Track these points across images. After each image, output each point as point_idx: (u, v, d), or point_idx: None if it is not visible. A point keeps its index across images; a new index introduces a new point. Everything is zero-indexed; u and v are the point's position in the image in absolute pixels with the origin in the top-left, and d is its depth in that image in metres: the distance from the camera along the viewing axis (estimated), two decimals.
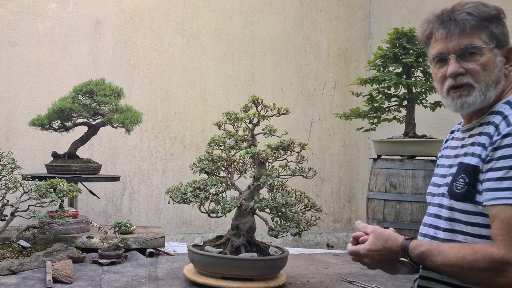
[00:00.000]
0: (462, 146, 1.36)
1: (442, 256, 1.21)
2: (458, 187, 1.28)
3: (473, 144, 1.30)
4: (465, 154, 1.31)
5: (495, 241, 1.16)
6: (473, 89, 1.31)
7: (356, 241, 1.37)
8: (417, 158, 3.33)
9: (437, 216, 1.36)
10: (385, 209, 3.30)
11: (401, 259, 1.28)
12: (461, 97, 1.32)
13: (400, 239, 1.30)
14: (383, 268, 1.37)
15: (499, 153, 1.18)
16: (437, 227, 1.35)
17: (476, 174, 1.24)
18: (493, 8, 1.33)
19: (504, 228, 1.14)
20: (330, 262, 3.21)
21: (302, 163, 2.63)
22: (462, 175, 1.28)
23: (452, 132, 1.52)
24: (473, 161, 1.26)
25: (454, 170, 1.34)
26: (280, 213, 2.46)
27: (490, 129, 1.25)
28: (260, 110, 2.70)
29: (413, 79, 3.43)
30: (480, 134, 1.29)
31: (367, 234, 1.35)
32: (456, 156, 1.38)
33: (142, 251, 3.20)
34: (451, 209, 1.30)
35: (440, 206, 1.35)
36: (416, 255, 1.25)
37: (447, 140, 1.52)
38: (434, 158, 3.36)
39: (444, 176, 1.40)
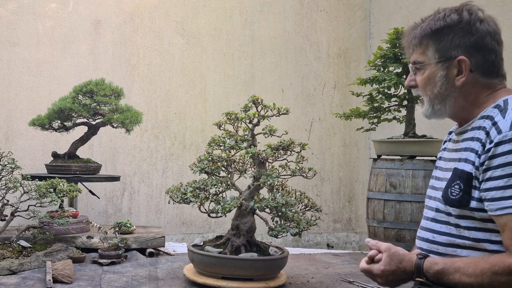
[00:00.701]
0: (456, 150, 1.36)
1: (459, 273, 1.21)
2: (454, 193, 1.28)
3: (466, 149, 1.30)
4: (459, 160, 1.31)
5: (509, 250, 1.17)
6: (423, 101, 1.40)
7: (371, 260, 1.36)
8: (417, 158, 3.33)
9: (435, 220, 1.36)
10: (385, 209, 3.30)
11: (417, 279, 1.28)
12: (421, 107, 1.43)
13: (414, 259, 1.29)
14: (396, 286, 1.37)
15: (497, 161, 1.18)
16: (435, 231, 1.35)
17: (470, 181, 1.24)
18: (443, 22, 1.32)
19: None
20: (330, 262, 3.21)
21: (302, 163, 2.63)
22: (457, 182, 1.28)
23: (450, 133, 1.52)
24: (467, 167, 1.26)
25: (448, 175, 1.34)
26: (280, 213, 2.46)
27: (481, 134, 1.25)
28: (260, 110, 2.70)
29: None
30: (472, 139, 1.29)
31: (379, 251, 1.34)
32: (451, 160, 1.38)
33: (142, 251, 3.20)
34: (448, 214, 1.30)
35: (437, 210, 1.35)
36: (432, 275, 1.25)
37: (445, 141, 1.52)
38: (434, 158, 3.36)
39: (440, 179, 1.40)
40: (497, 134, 1.19)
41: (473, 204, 1.23)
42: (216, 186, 2.53)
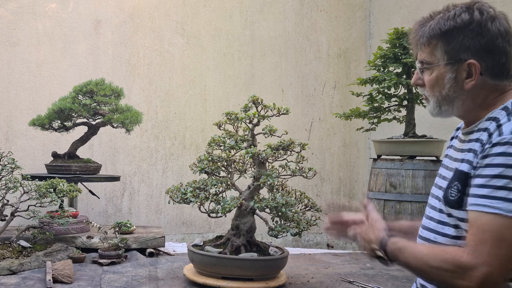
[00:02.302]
0: (462, 150, 1.35)
1: (415, 252, 1.24)
2: (452, 194, 1.27)
3: (469, 150, 1.29)
4: (462, 160, 1.30)
5: (467, 246, 1.16)
6: (429, 101, 1.38)
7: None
8: (417, 158, 3.33)
9: (438, 221, 1.34)
10: (385, 209, 3.30)
11: (376, 252, 1.32)
12: (426, 106, 1.41)
13: (381, 235, 1.35)
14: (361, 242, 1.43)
15: (487, 161, 1.17)
16: (437, 232, 1.34)
17: (467, 181, 1.24)
18: (453, 22, 1.28)
19: (475, 234, 1.15)
20: (330, 262, 3.21)
21: (302, 163, 2.63)
22: (456, 182, 1.27)
23: (458, 129, 1.50)
24: (466, 168, 1.25)
25: (451, 175, 1.33)
26: (280, 213, 2.46)
27: (484, 136, 1.24)
28: (260, 110, 2.70)
29: None
30: (477, 140, 1.28)
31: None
32: (455, 160, 1.37)
33: (142, 251, 3.20)
34: (449, 215, 1.29)
35: (440, 211, 1.34)
36: (393, 249, 1.29)
37: (452, 138, 1.51)
38: (434, 158, 3.36)
39: (444, 178, 1.39)
40: (497, 136, 1.18)
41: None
42: (216, 186, 2.53)
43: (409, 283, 2.66)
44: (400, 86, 3.40)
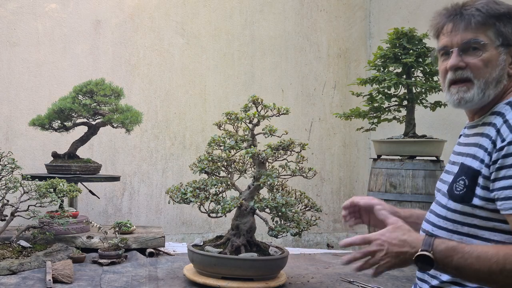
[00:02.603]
0: (466, 145, 1.36)
1: (478, 252, 1.13)
2: (458, 189, 1.27)
3: (474, 145, 1.30)
4: (467, 155, 1.31)
5: None
6: (472, 85, 1.30)
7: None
8: (417, 158, 3.33)
9: (436, 214, 1.36)
10: None
11: (422, 252, 1.15)
12: (459, 92, 1.32)
13: (421, 235, 1.22)
14: (389, 263, 1.23)
15: (510, 160, 1.17)
16: (434, 224, 1.35)
17: (476, 177, 1.23)
18: (505, 6, 1.31)
19: None
20: (330, 262, 3.21)
21: (302, 163, 2.63)
22: (463, 177, 1.27)
23: (465, 127, 1.52)
24: (475, 164, 1.25)
25: (455, 168, 1.34)
26: (280, 213, 2.46)
27: (491, 131, 1.24)
28: (260, 110, 2.70)
29: (413, 79, 3.44)
30: (482, 135, 1.28)
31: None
32: (459, 154, 1.38)
33: (142, 251, 3.20)
34: (449, 209, 1.30)
35: (440, 204, 1.35)
36: (443, 249, 1.15)
37: (460, 135, 1.52)
38: (434, 158, 3.36)
39: (448, 173, 1.40)
40: (509, 133, 1.19)
41: (476, 201, 1.23)
42: (216, 186, 2.53)
43: (409, 283, 2.66)
44: (400, 86, 3.40)
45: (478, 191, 1.23)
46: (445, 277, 1.28)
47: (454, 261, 1.15)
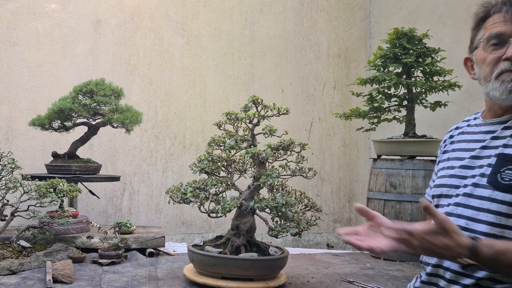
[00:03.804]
0: (495, 138, 1.35)
1: None
2: (506, 179, 1.25)
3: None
4: (505, 146, 1.30)
5: None
6: (502, 78, 1.30)
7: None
8: (417, 158, 3.33)
9: (473, 208, 1.30)
10: (385, 209, 3.30)
11: (465, 259, 1.13)
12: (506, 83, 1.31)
13: (466, 240, 1.14)
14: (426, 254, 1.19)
15: None
16: (470, 219, 1.30)
17: None
18: None
19: None
20: (330, 262, 3.21)
21: (302, 163, 2.63)
22: (510, 166, 1.25)
23: (458, 128, 1.51)
24: None
25: (487, 161, 1.32)
26: (280, 213, 2.46)
27: None
28: (260, 110, 2.70)
29: (413, 79, 3.44)
30: None
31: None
32: (484, 148, 1.36)
33: (142, 251, 3.20)
34: (493, 200, 1.26)
35: (479, 197, 1.30)
36: (493, 252, 1.12)
37: (452, 136, 1.51)
38: (434, 158, 3.36)
39: (467, 167, 1.38)
40: None
41: None
42: (216, 186, 2.53)
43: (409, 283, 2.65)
44: (400, 86, 3.40)
45: None
46: (481, 273, 1.24)
47: (505, 263, 1.13)
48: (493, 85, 1.33)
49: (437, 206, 1.44)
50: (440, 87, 3.31)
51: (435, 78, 3.46)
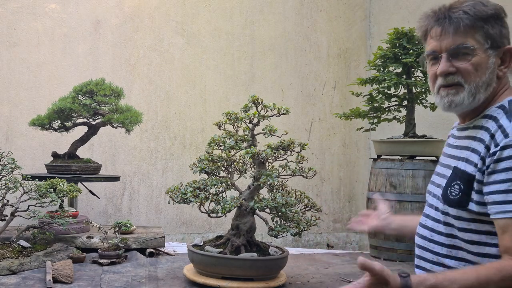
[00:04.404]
0: (457, 147, 1.36)
1: (458, 284, 1.12)
2: (453, 193, 1.27)
3: (467, 148, 1.29)
4: (460, 158, 1.30)
5: (509, 253, 1.15)
6: (462, 89, 1.29)
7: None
8: (417, 158, 3.33)
9: (432, 219, 1.35)
10: None
11: None
12: (448, 95, 1.31)
13: (398, 278, 1.13)
14: None
15: (502, 165, 1.17)
16: (431, 229, 1.35)
17: (471, 182, 1.23)
18: (493, 7, 1.29)
19: None
20: (330, 262, 3.21)
21: (302, 163, 2.63)
22: (458, 182, 1.27)
23: (452, 128, 1.51)
24: (469, 168, 1.25)
25: (447, 171, 1.34)
26: (280, 213, 2.46)
27: (485, 136, 1.24)
28: (260, 110, 2.70)
29: (413, 79, 3.44)
30: (474, 138, 1.28)
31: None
32: (450, 156, 1.37)
33: (142, 251, 3.20)
34: (446, 213, 1.29)
35: (437, 209, 1.34)
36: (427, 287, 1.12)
37: (449, 136, 1.52)
38: (434, 158, 3.36)
39: (440, 175, 1.40)
40: (503, 138, 1.18)
41: (472, 206, 1.23)
42: (216, 186, 2.53)
43: None
44: (400, 86, 3.40)
45: (474, 195, 1.22)
46: None
47: None
48: (436, 99, 1.35)
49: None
50: None
51: None
